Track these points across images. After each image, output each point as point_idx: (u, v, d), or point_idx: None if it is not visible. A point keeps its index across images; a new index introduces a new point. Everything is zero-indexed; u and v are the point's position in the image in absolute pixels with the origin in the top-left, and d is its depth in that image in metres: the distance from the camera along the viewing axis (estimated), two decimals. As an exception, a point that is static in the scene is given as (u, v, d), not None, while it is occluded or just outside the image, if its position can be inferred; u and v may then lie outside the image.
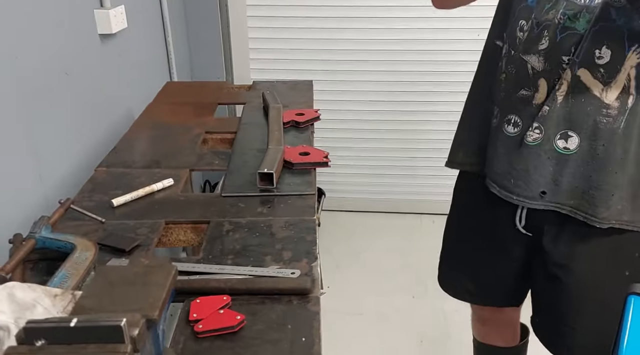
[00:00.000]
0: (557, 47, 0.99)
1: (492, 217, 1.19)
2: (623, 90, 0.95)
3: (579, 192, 1.03)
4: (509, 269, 1.23)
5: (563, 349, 1.21)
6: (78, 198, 1.22)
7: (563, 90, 0.99)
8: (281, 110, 1.60)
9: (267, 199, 1.21)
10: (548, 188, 1.05)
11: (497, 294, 1.31)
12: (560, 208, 1.06)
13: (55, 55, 1.39)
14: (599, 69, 0.96)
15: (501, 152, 1.11)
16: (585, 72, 0.97)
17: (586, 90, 0.97)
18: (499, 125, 1.12)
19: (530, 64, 1.04)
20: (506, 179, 1.10)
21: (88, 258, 0.93)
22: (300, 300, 0.91)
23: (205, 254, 1.02)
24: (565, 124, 1.00)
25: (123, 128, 1.64)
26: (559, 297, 1.15)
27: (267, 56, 2.60)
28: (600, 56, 0.95)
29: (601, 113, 0.97)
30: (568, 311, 1.15)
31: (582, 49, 0.96)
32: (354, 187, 2.89)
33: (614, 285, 1.09)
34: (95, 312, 0.70)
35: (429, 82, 2.60)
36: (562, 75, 0.99)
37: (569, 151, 1.01)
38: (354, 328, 2.16)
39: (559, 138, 1.02)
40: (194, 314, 0.87)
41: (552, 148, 1.02)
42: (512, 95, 1.08)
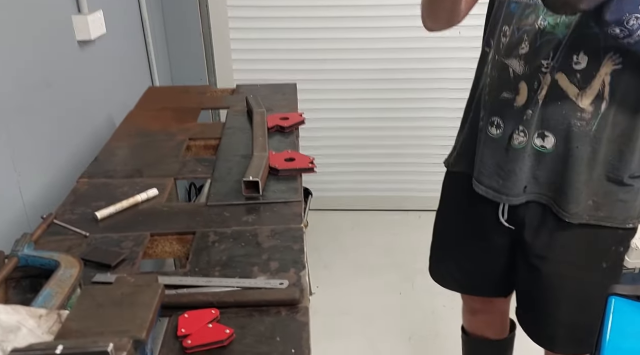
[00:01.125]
0: (537, 51, 1.02)
1: (477, 212, 1.23)
2: (597, 95, 0.99)
3: (555, 188, 1.09)
4: (495, 260, 1.28)
5: (545, 339, 1.25)
6: (60, 211, 1.20)
7: (543, 94, 1.03)
8: (265, 115, 1.59)
9: (253, 207, 1.21)
10: (528, 182, 1.10)
11: (485, 284, 1.35)
12: (540, 197, 1.11)
13: (33, 64, 1.36)
14: (575, 74, 0.99)
15: (487, 154, 1.14)
16: (562, 76, 1.00)
17: (562, 94, 1.01)
18: (484, 127, 1.16)
19: (511, 68, 1.07)
20: (494, 180, 1.14)
21: (73, 275, 0.92)
22: (289, 311, 0.91)
23: (192, 266, 1.02)
24: (543, 124, 1.05)
25: (104, 136, 1.62)
26: (539, 288, 1.20)
27: (250, 57, 2.58)
28: (577, 62, 0.98)
29: (576, 116, 1.01)
30: (548, 302, 1.20)
31: (560, 54, 0.99)
32: (340, 186, 2.89)
33: (592, 277, 1.15)
34: (81, 334, 0.69)
35: (412, 80, 2.61)
36: (542, 79, 1.02)
37: (546, 150, 1.06)
38: (342, 327, 2.16)
39: (536, 136, 1.06)
40: (182, 329, 0.86)
41: (531, 146, 1.07)
42: (495, 98, 1.12)
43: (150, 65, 2.22)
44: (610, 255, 1.15)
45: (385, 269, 2.49)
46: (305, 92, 2.17)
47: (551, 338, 1.24)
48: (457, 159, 1.29)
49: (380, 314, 2.24)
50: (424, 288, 2.34)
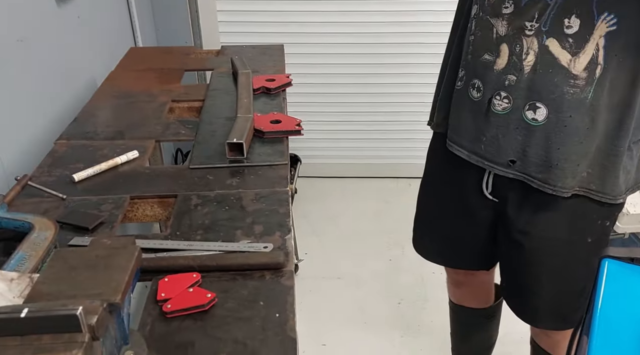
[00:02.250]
0: (521, 12, 0.97)
1: (460, 182, 1.18)
2: (591, 60, 0.93)
3: (547, 164, 1.02)
4: (477, 233, 1.24)
5: (528, 314, 1.23)
6: (37, 173, 1.16)
7: (530, 60, 0.97)
8: (250, 76, 1.54)
9: (237, 170, 1.17)
10: (517, 157, 1.04)
11: (467, 257, 1.32)
12: (529, 180, 1.06)
13: (7, 21, 1.30)
14: (567, 38, 0.94)
15: (467, 117, 1.09)
16: (553, 41, 0.94)
17: (554, 61, 0.95)
18: (464, 88, 1.10)
19: (495, 28, 1.02)
20: (476, 145, 1.09)
21: (47, 238, 0.89)
22: (273, 275, 0.88)
23: (173, 229, 0.98)
24: (533, 94, 0.99)
25: (85, 97, 1.57)
26: (522, 263, 1.16)
27: (237, 19, 2.50)
28: (569, 26, 0.93)
29: (568, 84, 0.95)
30: (531, 277, 1.17)
31: (549, 18, 0.94)
32: (329, 153, 2.86)
33: (576, 253, 1.11)
34: (53, 298, 0.66)
35: (401, 44, 2.55)
36: (526, 43, 0.97)
37: (537, 122, 1.00)
38: (331, 292, 2.16)
39: (527, 109, 1.00)
40: (162, 293, 0.83)
41: (521, 118, 1.01)
42: (476, 59, 1.06)
43: (132, 25, 2.14)
44: (595, 229, 1.11)
45: (375, 236, 2.48)
46: (292, 56, 2.11)
47: (534, 313, 1.22)
48: (440, 120, 1.22)
49: (369, 279, 2.24)
50: (414, 255, 2.31)
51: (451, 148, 1.15)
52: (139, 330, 0.78)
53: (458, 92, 1.12)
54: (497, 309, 1.55)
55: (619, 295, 0.83)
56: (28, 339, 0.55)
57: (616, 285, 0.84)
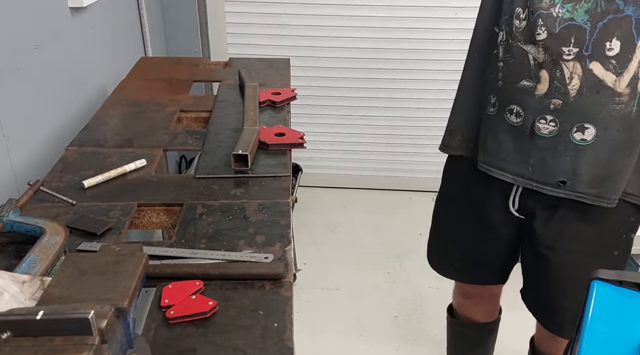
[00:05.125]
0: (557, 38, 1.00)
1: (484, 201, 1.22)
2: (633, 76, 0.97)
3: (600, 179, 1.06)
4: (497, 250, 1.28)
5: (554, 325, 1.27)
6: (48, 178, 1.19)
7: (575, 84, 1.00)
8: (257, 89, 1.58)
9: (242, 181, 1.20)
10: (567, 177, 1.07)
11: (485, 273, 1.36)
12: (583, 198, 1.08)
13: (23, 29, 1.34)
14: (610, 60, 0.97)
15: (506, 141, 1.12)
16: (597, 65, 0.98)
17: (600, 83, 0.99)
18: (499, 114, 1.12)
19: (531, 55, 1.04)
20: (522, 167, 1.11)
21: (58, 242, 0.92)
22: (273, 285, 0.91)
23: (178, 237, 1.02)
24: (582, 116, 1.02)
25: (95, 105, 1.61)
26: (548, 277, 1.19)
27: (244, 31, 2.55)
28: (610, 48, 0.96)
29: (614, 101, 0.99)
30: (557, 290, 1.20)
31: (590, 43, 0.97)
32: (331, 163, 2.89)
33: (603, 266, 1.14)
34: (64, 301, 0.69)
35: (406, 60, 2.59)
36: (567, 68, 1.00)
37: (586, 142, 1.03)
38: (329, 303, 2.18)
39: (575, 131, 1.03)
40: (166, 300, 0.87)
41: (569, 140, 1.04)
42: (511, 85, 1.08)
43: (143, 35, 2.19)
44: (621, 243, 1.15)
45: (373, 248, 2.50)
46: (298, 69, 2.15)
47: (560, 324, 1.25)
48: (462, 143, 1.25)
49: (367, 291, 2.26)
50: (412, 268, 2.36)
51: (490, 172, 1.16)
52: (143, 335, 0.81)
53: (491, 117, 1.14)
54: (496, 324, 1.57)
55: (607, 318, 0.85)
56: (41, 339, 0.59)
57: (605, 307, 0.87)
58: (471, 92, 1.21)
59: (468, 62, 1.22)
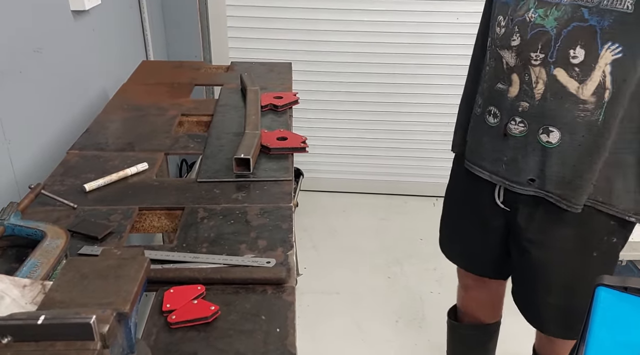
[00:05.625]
0: (527, 44, 1.04)
1: (476, 195, 1.26)
2: (599, 86, 0.99)
3: (565, 181, 1.08)
4: (490, 241, 1.31)
5: (536, 320, 1.29)
6: (49, 182, 1.19)
7: (540, 88, 1.04)
8: (259, 93, 1.58)
9: (243, 185, 1.20)
10: (536, 176, 1.11)
11: (481, 263, 1.40)
12: (549, 196, 1.12)
13: (25, 32, 1.34)
14: (574, 68, 0.99)
15: (486, 141, 1.18)
16: (560, 71, 1.00)
17: (563, 89, 1.01)
18: (481, 115, 1.18)
19: (504, 59, 1.09)
20: (497, 166, 1.16)
21: (59, 246, 0.92)
22: (275, 290, 0.91)
23: (180, 241, 1.01)
24: (546, 120, 1.05)
25: (97, 109, 1.61)
26: (531, 271, 1.22)
27: (246, 35, 2.55)
28: (574, 56, 0.98)
29: (578, 108, 1.01)
30: (538, 285, 1.22)
31: (555, 50, 0.99)
32: (331, 168, 2.89)
33: (581, 265, 1.17)
34: (65, 305, 0.68)
35: (407, 65, 2.60)
36: (534, 73, 1.03)
37: (552, 145, 1.06)
38: (330, 308, 2.18)
39: (541, 133, 1.07)
40: (167, 304, 0.86)
41: (536, 141, 1.08)
42: (491, 87, 1.14)
43: (145, 39, 2.19)
44: (601, 244, 1.15)
45: (374, 253, 2.50)
46: (299, 73, 2.15)
47: (542, 320, 1.28)
48: (462, 141, 1.31)
49: (367, 296, 2.25)
50: (413, 273, 2.35)
51: (472, 169, 1.23)
52: (145, 340, 0.81)
53: (476, 118, 1.21)
54: (497, 327, 1.57)
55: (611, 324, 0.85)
56: (43, 344, 0.58)
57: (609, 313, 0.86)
58: (468, 93, 1.28)
59: (470, 66, 1.29)
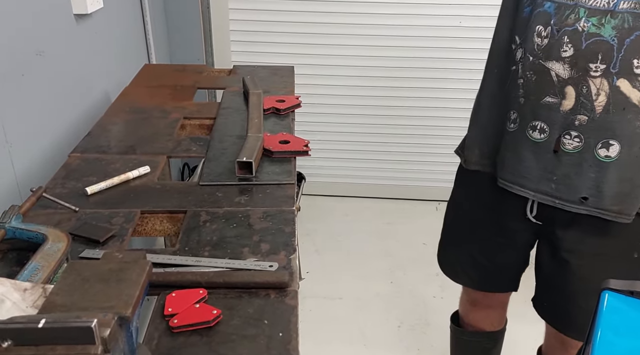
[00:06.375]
0: (583, 54, 0.99)
1: (499, 207, 1.21)
2: None
3: (622, 196, 1.05)
4: (513, 255, 1.27)
5: (572, 328, 1.25)
6: (51, 185, 1.18)
7: (601, 100, 1.00)
8: (261, 96, 1.57)
9: (246, 188, 1.19)
10: (590, 194, 1.07)
11: (498, 280, 1.35)
12: (605, 214, 1.08)
13: (28, 35, 1.34)
14: (637, 78, 0.97)
15: (527, 157, 1.11)
16: (624, 82, 0.98)
17: (626, 100, 0.99)
18: (520, 130, 1.11)
19: (554, 71, 1.03)
20: (544, 184, 1.11)
21: (60, 249, 0.91)
22: (277, 294, 0.90)
23: (182, 245, 1.00)
24: (607, 133, 1.02)
25: (99, 112, 1.60)
26: (569, 280, 1.19)
27: (249, 39, 2.55)
28: (638, 66, 0.96)
29: (639, 119, 0.99)
30: (577, 293, 1.19)
31: (618, 60, 0.97)
32: (334, 172, 2.89)
33: (623, 267, 1.14)
34: (66, 309, 0.68)
35: (409, 69, 2.59)
36: (594, 84, 1.00)
37: (610, 159, 1.03)
38: (332, 312, 2.17)
39: (600, 147, 1.03)
40: (169, 308, 0.85)
41: (593, 156, 1.04)
42: (534, 101, 1.07)
43: (147, 42, 2.19)
44: None
45: (377, 257, 2.49)
46: (302, 77, 2.15)
47: (577, 326, 1.22)
48: (479, 159, 1.24)
49: (370, 301, 2.24)
50: (415, 278, 2.34)
51: (510, 189, 1.16)
52: (146, 344, 0.80)
53: (512, 134, 1.13)
54: (502, 334, 1.55)
55: (617, 328, 0.84)
56: (43, 348, 0.57)
57: (615, 318, 0.85)
58: (489, 109, 1.20)
59: (485, 78, 1.21)
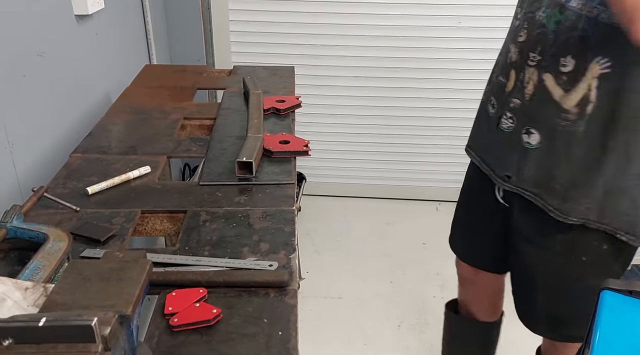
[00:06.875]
0: (529, 42, 1.04)
1: (482, 188, 1.27)
2: (583, 98, 0.97)
3: (539, 184, 1.09)
4: (491, 233, 1.32)
5: (526, 318, 1.30)
6: (52, 185, 1.19)
7: (530, 89, 1.04)
8: (261, 97, 1.58)
9: (246, 188, 1.20)
10: (513, 173, 1.13)
11: (479, 255, 1.41)
12: (523, 193, 1.13)
13: (29, 36, 1.34)
14: (562, 76, 0.99)
15: (484, 129, 1.21)
16: (549, 77, 1.00)
17: (548, 95, 1.01)
18: (484, 103, 1.22)
19: (510, 53, 1.10)
20: (486, 155, 1.21)
21: (61, 249, 0.91)
22: (277, 293, 0.91)
23: (182, 244, 1.01)
24: (529, 121, 1.06)
25: (99, 112, 1.61)
26: (524, 270, 1.24)
27: (249, 39, 2.56)
28: (564, 64, 0.97)
29: (559, 116, 1.01)
30: (530, 284, 1.23)
31: (549, 55, 0.99)
32: (334, 172, 2.89)
33: (569, 268, 1.15)
34: (67, 308, 0.68)
35: (409, 69, 2.59)
36: (528, 73, 1.04)
37: (531, 146, 1.07)
38: (332, 312, 2.17)
39: (524, 132, 1.07)
40: (170, 307, 0.86)
41: (519, 140, 1.09)
42: (494, 78, 1.16)
43: (148, 43, 2.19)
44: (591, 249, 1.11)
45: (377, 257, 2.49)
46: (302, 77, 2.16)
47: (531, 319, 1.29)
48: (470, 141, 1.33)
49: (370, 301, 2.24)
50: (415, 278, 2.35)
51: (468, 154, 1.28)
52: (147, 343, 0.80)
53: (482, 104, 1.23)
54: (494, 327, 1.56)
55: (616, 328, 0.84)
56: (44, 347, 0.58)
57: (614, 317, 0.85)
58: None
59: None
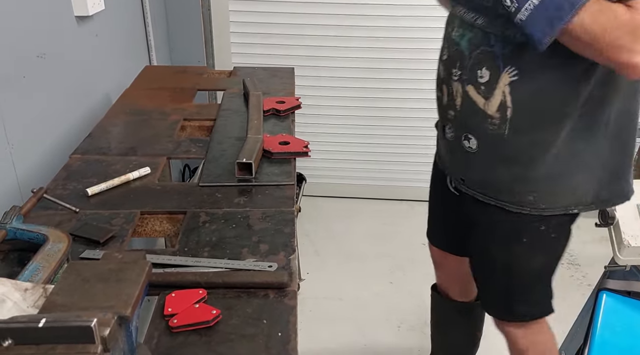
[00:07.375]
0: (449, 60, 1.15)
1: (442, 176, 1.36)
2: (501, 103, 1.08)
3: (487, 184, 1.19)
4: (451, 219, 1.42)
5: (483, 301, 1.39)
6: (52, 186, 1.19)
7: (459, 101, 1.14)
8: (261, 98, 1.58)
9: (245, 189, 1.20)
10: (465, 177, 1.23)
11: (444, 239, 1.53)
12: (477, 196, 1.21)
13: (29, 37, 1.35)
14: (480, 86, 1.09)
15: (440, 136, 1.30)
16: (471, 88, 1.11)
17: (473, 104, 1.11)
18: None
19: (439, 71, 1.22)
20: (444, 160, 1.31)
21: (61, 250, 0.92)
22: (277, 294, 0.91)
23: (181, 246, 1.01)
24: (465, 129, 1.16)
25: (99, 113, 1.61)
26: (475, 254, 1.33)
27: (249, 40, 2.56)
28: (481, 76, 1.08)
29: (487, 121, 1.11)
30: (478, 266, 1.34)
31: (468, 69, 1.10)
32: (334, 173, 2.89)
33: (514, 250, 1.24)
34: (66, 309, 0.68)
35: (408, 70, 2.59)
36: (454, 87, 1.14)
37: (472, 150, 1.16)
38: (332, 313, 2.17)
39: (464, 139, 1.17)
40: (169, 308, 0.86)
41: (462, 146, 1.18)
42: (435, 95, 1.26)
43: (148, 44, 2.20)
44: (532, 230, 1.19)
45: (376, 258, 2.49)
46: (302, 79, 2.15)
47: (485, 301, 1.37)
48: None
49: (370, 301, 2.24)
50: (415, 278, 2.34)
51: (436, 157, 1.39)
52: (146, 344, 0.80)
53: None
54: (470, 308, 1.61)
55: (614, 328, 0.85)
56: (43, 348, 0.58)
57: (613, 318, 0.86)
58: None
59: None
